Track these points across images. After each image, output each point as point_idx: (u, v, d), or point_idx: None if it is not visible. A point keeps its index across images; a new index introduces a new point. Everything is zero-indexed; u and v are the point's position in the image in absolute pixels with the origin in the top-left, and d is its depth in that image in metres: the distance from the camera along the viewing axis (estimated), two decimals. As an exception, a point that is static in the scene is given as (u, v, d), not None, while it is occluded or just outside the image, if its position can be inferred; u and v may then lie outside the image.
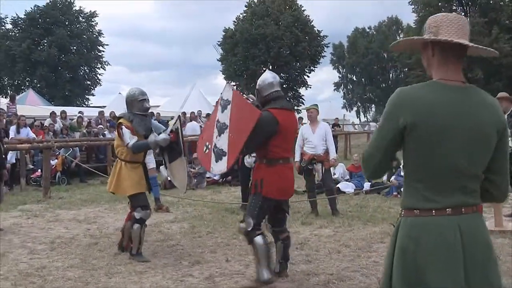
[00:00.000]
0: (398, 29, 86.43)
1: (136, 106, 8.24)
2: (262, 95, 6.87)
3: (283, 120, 6.60)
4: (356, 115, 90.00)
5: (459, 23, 2.99)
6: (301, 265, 7.61)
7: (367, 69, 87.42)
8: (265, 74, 7.05)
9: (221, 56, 60.98)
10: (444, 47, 2.97)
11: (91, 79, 65.55)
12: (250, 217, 6.62)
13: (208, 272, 7.36)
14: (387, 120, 2.99)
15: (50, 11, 60.70)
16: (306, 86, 62.57)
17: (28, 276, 7.25)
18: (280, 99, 6.85)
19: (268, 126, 6.48)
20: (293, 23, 57.78)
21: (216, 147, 6.65)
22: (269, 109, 6.63)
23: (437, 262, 2.87)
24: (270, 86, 6.83)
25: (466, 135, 2.88)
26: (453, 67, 3.00)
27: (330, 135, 11.79)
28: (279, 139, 6.59)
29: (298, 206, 12.34)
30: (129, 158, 8.18)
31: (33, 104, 32.21)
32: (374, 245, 8.68)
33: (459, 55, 2.99)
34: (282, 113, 6.66)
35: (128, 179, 8.14)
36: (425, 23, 3.12)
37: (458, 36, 2.95)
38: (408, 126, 2.89)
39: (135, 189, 8.17)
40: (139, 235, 8.19)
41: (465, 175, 2.92)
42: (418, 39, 3.08)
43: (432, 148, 2.88)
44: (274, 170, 6.61)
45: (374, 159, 3.09)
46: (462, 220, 2.91)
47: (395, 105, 2.96)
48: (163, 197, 13.70)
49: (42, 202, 13.78)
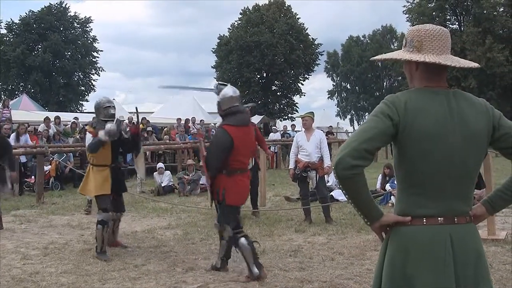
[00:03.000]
0: (392, 38, 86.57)
1: (102, 113, 8.95)
2: (222, 108, 7.48)
3: (237, 136, 7.23)
4: (350, 123, 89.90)
5: (442, 37, 2.99)
6: (294, 272, 7.60)
7: (361, 77, 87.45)
8: (226, 88, 7.66)
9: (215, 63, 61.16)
10: (427, 63, 2.96)
11: (85, 85, 65.39)
12: (226, 225, 7.33)
13: (202, 278, 7.35)
14: (378, 114, 2.93)
15: (45, 16, 60.60)
16: (300, 94, 62.86)
17: (21, 281, 7.24)
18: (238, 114, 7.44)
19: (223, 143, 7.24)
20: (288, 31, 58.11)
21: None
22: (223, 126, 7.38)
23: (426, 274, 2.86)
24: (229, 101, 7.45)
25: (457, 137, 2.88)
26: (437, 76, 3.01)
27: (325, 143, 11.80)
28: (235, 153, 7.22)
29: (292, 213, 12.36)
30: (95, 161, 8.76)
31: (27, 109, 32.16)
32: (368, 253, 8.69)
33: (442, 67, 2.99)
34: (237, 129, 7.28)
35: (93, 181, 8.70)
36: (407, 34, 3.10)
37: (441, 50, 2.97)
38: (400, 125, 2.87)
39: (97, 191, 8.67)
40: (101, 235, 8.55)
41: (458, 180, 2.92)
42: (403, 59, 3.05)
43: (423, 152, 2.87)
44: (233, 180, 7.27)
45: (357, 141, 2.87)
46: (454, 229, 2.91)
47: (386, 105, 2.93)
48: (156, 203, 13.72)
49: (36, 208, 13.77)
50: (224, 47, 59.56)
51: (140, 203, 14.50)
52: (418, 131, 2.86)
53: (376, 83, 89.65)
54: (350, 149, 2.84)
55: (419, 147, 2.88)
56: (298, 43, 59.17)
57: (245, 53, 57.29)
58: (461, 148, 2.89)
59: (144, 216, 12.71)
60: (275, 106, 61.53)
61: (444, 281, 2.85)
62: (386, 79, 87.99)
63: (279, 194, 16.46)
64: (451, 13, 53.71)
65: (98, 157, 8.68)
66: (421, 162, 2.89)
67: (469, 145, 2.92)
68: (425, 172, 2.90)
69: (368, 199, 2.94)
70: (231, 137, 7.17)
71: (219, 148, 7.27)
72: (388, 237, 3.03)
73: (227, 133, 7.22)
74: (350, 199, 2.93)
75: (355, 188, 2.89)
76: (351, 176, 2.82)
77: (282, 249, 9.00)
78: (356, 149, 2.83)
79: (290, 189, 17.13)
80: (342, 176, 2.83)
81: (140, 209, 13.64)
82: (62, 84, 61.47)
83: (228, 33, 61.25)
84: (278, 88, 61.97)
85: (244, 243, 7.20)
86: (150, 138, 23.18)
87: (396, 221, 2.98)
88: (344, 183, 2.86)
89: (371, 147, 2.86)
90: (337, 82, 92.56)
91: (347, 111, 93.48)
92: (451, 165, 2.89)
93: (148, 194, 16.57)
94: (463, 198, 2.97)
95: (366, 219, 2.99)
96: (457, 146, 2.88)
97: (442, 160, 2.88)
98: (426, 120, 2.87)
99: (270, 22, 58.75)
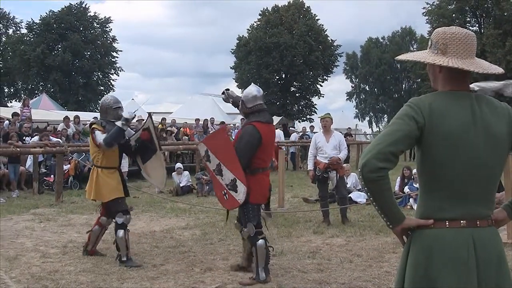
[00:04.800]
0: (412, 40, 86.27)
1: (111, 114, 8.45)
2: (246, 106, 7.52)
3: (265, 134, 7.32)
4: (368, 125, 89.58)
5: (467, 41, 2.97)
6: (313, 274, 7.59)
7: (380, 79, 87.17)
8: (250, 87, 7.72)
9: (234, 64, 61.21)
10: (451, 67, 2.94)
11: (104, 84, 65.63)
12: (249, 223, 7.26)
13: (220, 279, 7.36)
14: (403, 116, 2.91)
15: (65, 16, 60.86)
16: (319, 95, 62.64)
17: (40, 279, 7.28)
18: (263, 112, 7.52)
19: (253, 139, 7.20)
20: (307, 32, 57.99)
21: (228, 184, 7.23)
22: (253, 123, 7.34)
23: (449, 277, 2.85)
24: (254, 99, 7.49)
25: (480, 141, 2.87)
26: (461, 80, 2.99)
27: (345, 145, 11.99)
28: (260, 151, 7.28)
29: (310, 215, 12.34)
30: (104, 163, 8.29)
31: (46, 108, 32.36)
32: (386, 255, 8.66)
33: (466, 71, 2.95)
34: (264, 126, 7.36)
35: (106, 185, 8.24)
36: (432, 35, 3.08)
37: (466, 54, 2.95)
38: (425, 128, 2.85)
39: (114, 195, 8.26)
40: (125, 241, 8.18)
41: (481, 184, 2.91)
42: (428, 62, 3.01)
43: (447, 156, 2.86)
44: (256, 179, 7.28)
45: (382, 143, 2.86)
46: (476, 233, 2.89)
47: (411, 108, 2.92)
48: (174, 204, 13.75)
49: (55, 206, 13.85)
50: (243, 48, 59.53)
51: (159, 203, 14.54)
52: (442, 134, 2.85)
53: (395, 85, 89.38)
54: (376, 151, 2.83)
55: (443, 150, 2.86)
56: (317, 45, 59.02)
57: (264, 54, 57.23)
58: (484, 152, 2.88)
59: (163, 216, 12.75)
60: (294, 107, 61.43)
61: (467, 284, 2.84)
62: (405, 81, 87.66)
63: (297, 195, 16.45)
64: (471, 15, 53.27)
65: (108, 158, 8.26)
66: (445, 166, 2.88)
67: (492, 149, 2.90)
68: (448, 176, 2.89)
69: (391, 202, 2.93)
70: (260, 134, 7.20)
71: (249, 145, 7.20)
72: (411, 240, 3.02)
73: (257, 130, 7.22)
74: (374, 201, 2.91)
75: (379, 190, 2.87)
76: (377, 179, 2.81)
77: (301, 251, 8.99)
78: (382, 151, 2.82)
79: (308, 190, 17.11)
80: (368, 179, 2.82)
81: (159, 209, 13.69)
82: (82, 84, 61.68)
83: (247, 34, 61.21)
84: (297, 89, 61.85)
85: (262, 245, 7.20)
86: (169, 138, 23.23)
87: (418, 224, 2.96)
88: (370, 185, 2.85)
89: (397, 150, 2.86)
90: (355, 83, 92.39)
91: (365, 113, 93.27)
92: (474, 169, 2.88)
93: (166, 194, 16.59)
94: (485, 201, 2.96)
95: (388, 222, 2.98)
96: (480, 150, 2.87)
97: (465, 164, 2.87)
98: (450, 124, 2.85)
99: (289, 23, 58.69)
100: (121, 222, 8.21)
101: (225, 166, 7.25)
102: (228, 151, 7.26)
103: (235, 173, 7.15)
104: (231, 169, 7.19)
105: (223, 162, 7.29)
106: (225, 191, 7.28)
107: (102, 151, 8.21)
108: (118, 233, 8.17)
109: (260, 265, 7.16)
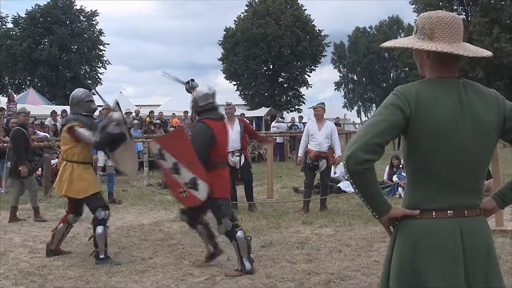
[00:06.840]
0: (399, 29, 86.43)
1: (83, 107, 8.26)
2: (198, 105, 7.62)
3: (217, 129, 7.44)
4: (356, 114, 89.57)
5: (454, 25, 2.91)
6: (302, 264, 7.59)
7: (368, 68, 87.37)
8: (202, 86, 7.81)
9: (222, 56, 61.12)
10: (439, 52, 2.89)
11: (92, 78, 65.36)
12: (224, 218, 7.30)
13: (209, 271, 7.35)
14: (389, 106, 2.86)
15: (51, 10, 60.47)
16: (307, 85, 62.76)
17: (28, 275, 7.26)
18: (214, 110, 7.64)
19: (207, 135, 7.29)
20: (294, 22, 57.98)
21: (187, 183, 7.23)
22: (204, 120, 7.48)
23: (435, 267, 2.83)
24: (205, 98, 7.61)
25: (468, 129, 2.83)
26: (448, 65, 2.94)
27: (336, 134, 12.30)
28: (216, 147, 7.39)
29: (299, 205, 12.32)
30: (81, 158, 8.08)
31: (33, 103, 32.17)
32: (375, 245, 8.67)
33: (455, 56, 2.90)
34: (217, 123, 7.52)
35: (83, 181, 8.02)
36: (418, 20, 3.02)
37: (454, 38, 2.89)
38: (411, 118, 2.81)
39: (92, 189, 8.06)
40: (104, 237, 7.98)
41: (469, 173, 2.88)
42: (415, 48, 2.95)
43: (435, 145, 2.82)
44: (216, 174, 7.36)
45: (367, 134, 2.80)
46: (464, 223, 2.87)
47: (397, 96, 2.87)
48: (163, 196, 13.71)
49: (43, 201, 13.75)
50: (231, 39, 59.44)
51: (147, 196, 14.52)
52: (430, 123, 2.81)
53: (383, 74, 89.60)
54: (361, 143, 2.77)
55: (431, 140, 2.82)
56: (305, 35, 59.03)
57: (252, 45, 57.21)
58: (472, 140, 2.84)
59: (151, 209, 12.73)
60: (282, 98, 61.44)
61: (453, 274, 2.82)
62: (393, 70, 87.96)
63: (287, 186, 16.47)
64: (458, 3, 53.39)
65: (84, 154, 8.09)
66: (432, 155, 2.84)
67: (480, 137, 2.86)
68: (436, 165, 2.85)
69: (377, 193, 2.89)
70: (212, 130, 7.32)
71: (204, 141, 7.28)
72: (397, 230, 3.00)
73: (209, 126, 7.34)
74: (359, 192, 2.87)
75: (365, 182, 2.83)
76: (363, 171, 2.77)
77: (289, 241, 8.99)
78: (367, 143, 2.77)
79: (297, 181, 17.09)
80: (353, 171, 2.77)
81: (147, 202, 13.67)
82: (69, 78, 61.35)
83: (234, 25, 61.11)
84: (285, 80, 61.90)
85: (242, 236, 7.26)
86: (158, 131, 23.18)
87: (404, 214, 2.94)
88: (355, 177, 2.80)
89: (382, 141, 2.81)
90: (343, 73, 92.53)
91: (354, 103, 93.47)
92: (462, 158, 2.84)
93: (155, 187, 16.57)
94: (474, 191, 2.93)
95: (374, 212, 2.95)
96: (468, 139, 2.83)
97: (453, 153, 2.83)
98: (438, 113, 2.81)
99: (276, 14, 58.61)
100: (102, 217, 7.98)
101: (184, 165, 7.25)
102: (187, 150, 7.26)
103: (196, 172, 7.18)
104: (192, 168, 7.20)
105: (181, 161, 7.27)
106: (183, 189, 7.26)
107: (80, 146, 8.03)
108: (97, 229, 7.94)
109: (244, 255, 7.22)
